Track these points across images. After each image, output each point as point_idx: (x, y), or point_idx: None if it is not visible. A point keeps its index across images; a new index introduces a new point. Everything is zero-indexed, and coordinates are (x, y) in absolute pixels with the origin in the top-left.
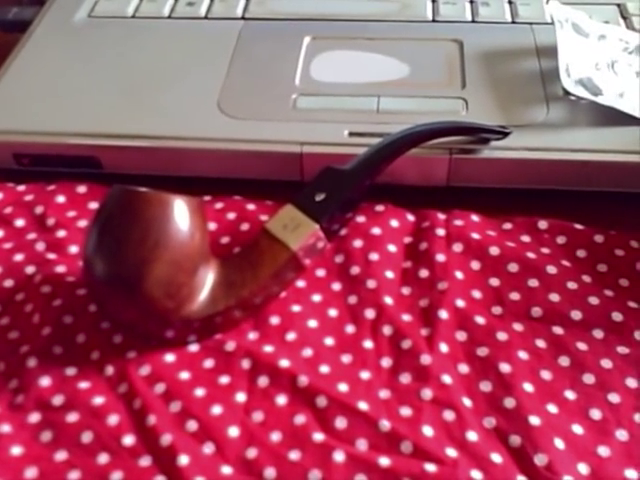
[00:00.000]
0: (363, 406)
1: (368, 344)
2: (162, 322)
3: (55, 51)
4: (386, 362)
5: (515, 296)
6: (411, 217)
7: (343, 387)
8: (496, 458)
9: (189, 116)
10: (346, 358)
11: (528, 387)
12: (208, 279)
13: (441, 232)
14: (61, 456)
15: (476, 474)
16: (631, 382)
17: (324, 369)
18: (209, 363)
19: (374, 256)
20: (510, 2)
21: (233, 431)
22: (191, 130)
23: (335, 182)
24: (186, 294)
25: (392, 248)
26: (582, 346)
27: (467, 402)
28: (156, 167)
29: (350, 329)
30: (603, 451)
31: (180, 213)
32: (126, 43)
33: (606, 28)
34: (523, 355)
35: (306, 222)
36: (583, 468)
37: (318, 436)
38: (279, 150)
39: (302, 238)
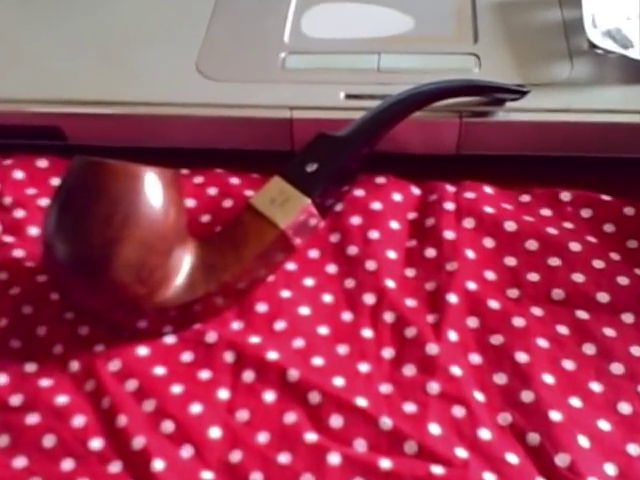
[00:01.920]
0: (362, 402)
1: (367, 333)
2: (133, 310)
3: (10, 9)
4: (388, 353)
5: (534, 277)
6: (416, 190)
7: (339, 381)
8: (512, 459)
9: (164, 79)
10: (342, 349)
11: (548, 379)
12: (185, 262)
13: (450, 206)
14: (20, 462)
15: (489, 476)
16: None
17: (317, 361)
18: (187, 357)
19: (374, 234)
20: None
21: (215, 432)
22: (166, 95)
23: (329, 150)
24: (160, 278)
25: (395, 225)
26: (610, 332)
27: (479, 396)
28: (126, 137)
29: (347, 316)
30: (633, 449)
31: (152, 187)
32: None
33: None
34: (542, 343)
35: (296, 196)
36: (610, 469)
37: (311, 436)
38: (266, 116)
39: (292, 214)
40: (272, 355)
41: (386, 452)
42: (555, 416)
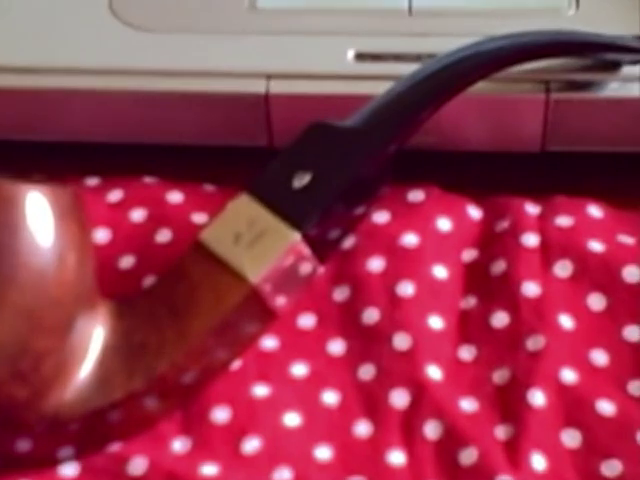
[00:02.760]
0: None
1: (397, 458)
2: (8, 425)
3: None
4: None
5: None
6: (475, 212)
7: None
8: None
9: (56, 32)
10: None
11: None
12: (94, 341)
13: (532, 240)
14: None
15: None
16: None
17: None
18: None
19: (407, 288)
20: None
21: None
22: (58, 56)
23: (331, 150)
24: (51, 372)
25: (441, 272)
26: None
27: None
28: (4, 125)
29: (363, 429)
30: None
31: (37, 217)
32: None
33: None
34: None
35: (276, 228)
36: None
37: None
38: (226, 89)
39: (269, 258)
40: None
41: None
42: None
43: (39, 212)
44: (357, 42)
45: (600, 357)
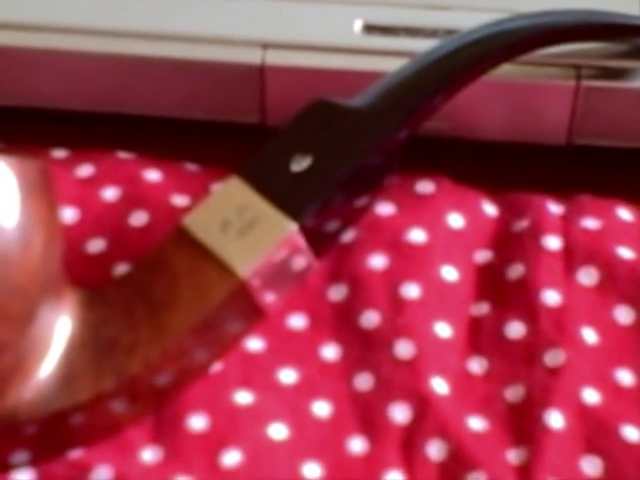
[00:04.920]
0: None
1: (395, 479)
2: None
3: None
4: None
5: None
6: (491, 208)
7: None
8: None
9: None
10: None
11: None
12: (58, 334)
13: (554, 243)
14: None
15: None
16: None
17: None
18: None
19: (412, 290)
20: None
21: None
22: (34, 13)
23: (334, 132)
24: (9, 368)
25: (450, 274)
26: None
27: None
28: None
29: (358, 446)
30: None
31: (1, 191)
32: None
33: None
34: None
35: (270, 216)
36: None
37: None
38: (215, 58)
39: (261, 250)
40: None
41: None
42: None
43: (3, 186)
44: (366, 12)
45: (626, 377)
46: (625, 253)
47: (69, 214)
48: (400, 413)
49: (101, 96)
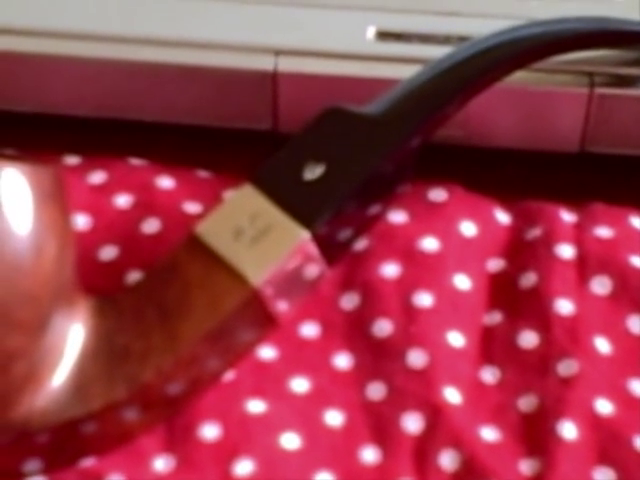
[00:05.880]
0: None
1: None
2: None
3: None
4: None
5: None
6: (504, 216)
7: None
8: None
9: None
10: None
11: None
12: (71, 342)
13: (567, 252)
14: None
15: None
16: None
17: None
18: None
19: (424, 298)
20: None
21: None
22: (46, 19)
23: (347, 140)
24: (21, 377)
25: (463, 282)
26: None
27: None
28: None
29: (370, 455)
30: None
31: (14, 199)
32: None
33: None
34: None
35: (283, 224)
36: None
37: None
38: (228, 65)
39: (274, 259)
40: None
41: None
42: None
43: (17, 193)
44: (379, 19)
45: (639, 387)
46: (638, 262)
47: (81, 221)
48: (413, 423)
49: (114, 103)
